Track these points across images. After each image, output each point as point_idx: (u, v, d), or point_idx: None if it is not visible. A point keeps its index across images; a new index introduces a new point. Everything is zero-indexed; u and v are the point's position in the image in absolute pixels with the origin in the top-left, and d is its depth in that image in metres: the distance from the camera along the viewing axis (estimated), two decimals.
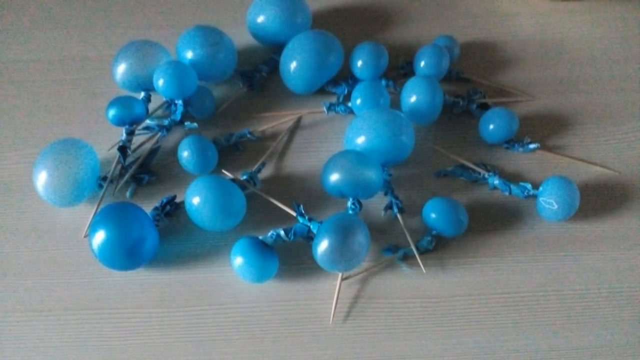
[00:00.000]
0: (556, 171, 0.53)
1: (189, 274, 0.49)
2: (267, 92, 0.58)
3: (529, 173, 0.53)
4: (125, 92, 0.55)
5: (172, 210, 0.50)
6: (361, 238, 0.45)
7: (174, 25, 0.62)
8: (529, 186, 0.50)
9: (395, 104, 0.55)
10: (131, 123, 0.52)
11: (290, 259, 0.49)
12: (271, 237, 0.47)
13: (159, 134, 0.53)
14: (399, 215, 0.50)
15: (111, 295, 0.48)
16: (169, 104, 0.54)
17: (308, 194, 0.52)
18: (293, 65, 0.55)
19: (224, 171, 0.52)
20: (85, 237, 0.50)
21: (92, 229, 0.46)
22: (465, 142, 0.55)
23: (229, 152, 0.54)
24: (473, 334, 0.46)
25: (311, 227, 0.47)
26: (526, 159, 0.54)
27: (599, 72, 0.59)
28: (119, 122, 0.52)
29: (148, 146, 0.53)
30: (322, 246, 0.44)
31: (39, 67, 0.60)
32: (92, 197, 0.51)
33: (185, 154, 0.50)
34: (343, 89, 0.57)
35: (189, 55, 0.54)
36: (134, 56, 0.54)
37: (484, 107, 0.56)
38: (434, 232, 0.49)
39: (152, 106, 0.54)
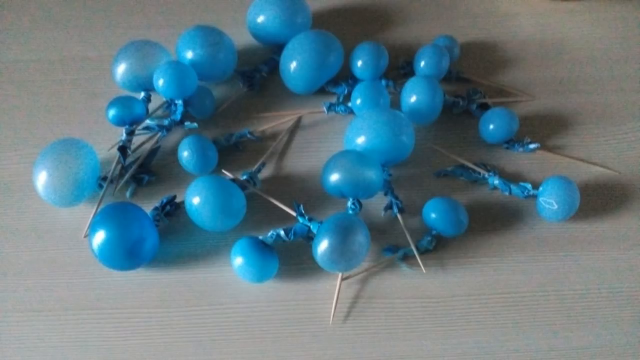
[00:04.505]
0: (556, 171, 0.53)
1: (189, 274, 0.49)
2: (267, 92, 0.58)
3: (529, 173, 0.53)
4: (125, 92, 0.55)
5: (172, 210, 0.50)
6: (361, 238, 0.45)
7: (174, 25, 0.62)
8: (529, 186, 0.50)
9: (395, 104, 0.55)
10: (131, 123, 0.52)
11: (290, 259, 0.49)
12: (271, 237, 0.47)
13: (159, 134, 0.53)
14: (399, 215, 0.50)
15: (111, 295, 0.48)
16: (169, 104, 0.54)
17: (308, 194, 0.52)
18: (293, 65, 0.55)
19: (224, 171, 0.52)
20: (85, 237, 0.50)
21: (92, 229, 0.46)
22: (465, 142, 0.55)
23: (229, 152, 0.54)
24: (473, 334, 0.46)
25: (311, 227, 0.47)
26: (526, 159, 0.54)
27: (599, 72, 0.59)
28: (119, 122, 0.52)
29: (148, 146, 0.53)
30: (322, 246, 0.44)
31: (39, 67, 0.60)
32: (92, 197, 0.51)
33: (185, 154, 0.50)
34: (343, 89, 0.57)
35: (189, 55, 0.54)
36: (134, 56, 0.54)
37: (484, 107, 0.56)
38: (434, 232, 0.49)
39: (152, 106, 0.54)
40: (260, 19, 0.57)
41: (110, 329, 0.46)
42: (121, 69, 0.54)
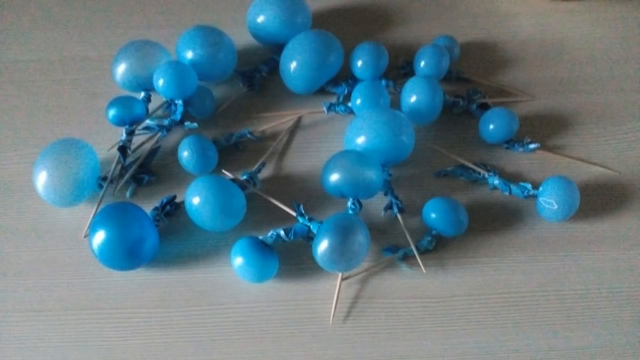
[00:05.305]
0: (556, 171, 0.53)
1: (189, 274, 0.49)
2: (267, 92, 0.58)
3: (529, 173, 0.53)
4: (125, 92, 0.55)
5: (172, 210, 0.50)
6: (361, 238, 0.45)
7: (174, 25, 0.62)
8: (529, 186, 0.50)
9: (395, 104, 0.55)
10: (131, 123, 0.52)
11: (290, 259, 0.49)
12: (271, 237, 0.47)
13: (159, 134, 0.53)
14: (399, 215, 0.50)
15: (111, 295, 0.48)
16: (169, 104, 0.54)
17: (308, 194, 0.52)
18: (293, 65, 0.55)
19: (224, 171, 0.52)
20: (85, 237, 0.50)
21: (92, 229, 0.46)
22: (465, 142, 0.55)
23: (229, 152, 0.54)
24: (473, 334, 0.46)
25: (311, 227, 0.47)
26: (526, 159, 0.54)
27: (599, 72, 0.59)
28: (119, 122, 0.52)
29: (148, 146, 0.53)
30: (322, 246, 0.44)
31: (39, 67, 0.60)
32: (92, 197, 0.51)
33: (185, 154, 0.50)
34: (343, 89, 0.57)
35: (189, 55, 0.54)
36: (134, 56, 0.54)
37: (484, 107, 0.56)
38: (434, 232, 0.49)
39: (152, 106, 0.54)
40: (260, 19, 0.57)
41: (110, 329, 0.46)
42: (121, 69, 0.54)
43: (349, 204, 0.48)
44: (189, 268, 0.49)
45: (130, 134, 0.52)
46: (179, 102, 0.53)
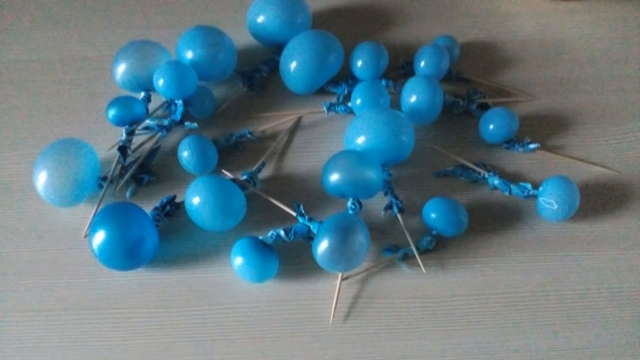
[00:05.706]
0: (556, 171, 0.53)
1: (189, 274, 0.49)
2: (267, 92, 0.58)
3: (529, 173, 0.53)
4: (125, 92, 0.55)
5: (172, 210, 0.50)
6: (361, 238, 0.45)
7: (174, 25, 0.62)
8: (529, 186, 0.50)
9: (395, 104, 0.55)
10: (131, 123, 0.52)
11: (290, 259, 0.49)
12: (271, 237, 0.47)
13: (159, 134, 0.53)
14: (399, 215, 0.50)
15: (111, 295, 0.48)
16: (169, 104, 0.54)
17: (308, 194, 0.52)
18: (293, 65, 0.55)
19: (224, 171, 0.52)
20: (85, 237, 0.50)
21: (92, 229, 0.46)
22: (465, 142, 0.55)
23: (229, 152, 0.54)
24: (473, 334, 0.46)
25: (311, 227, 0.47)
26: (526, 159, 0.54)
27: (599, 72, 0.59)
28: (119, 122, 0.52)
29: (148, 146, 0.53)
30: (322, 246, 0.44)
31: (39, 67, 0.60)
32: (92, 197, 0.51)
33: (185, 154, 0.50)
34: (343, 89, 0.57)
35: (189, 55, 0.54)
36: (134, 56, 0.54)
37: (484, 107, 0.56)
38: (434, 232, 0.49)
39: (152, 106, 0.54)
40: (260, 19, 0.57)
41: (110, 329, 0.46)
42: (121, 69, 0.54)
43: (349, 204, 0.48)
44: (189, 268, 0.49)
45: (130, 134, 0.52)
46: (179, 102, 0.53)
